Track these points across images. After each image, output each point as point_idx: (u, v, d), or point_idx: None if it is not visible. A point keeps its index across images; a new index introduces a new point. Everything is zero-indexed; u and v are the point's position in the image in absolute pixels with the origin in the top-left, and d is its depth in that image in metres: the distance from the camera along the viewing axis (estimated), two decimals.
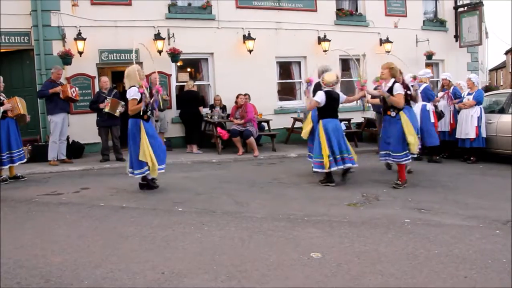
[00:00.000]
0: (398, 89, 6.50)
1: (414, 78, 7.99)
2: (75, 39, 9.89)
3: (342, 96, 6.91)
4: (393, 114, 6.58)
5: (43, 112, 9.64)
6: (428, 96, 8.61)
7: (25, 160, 7.83)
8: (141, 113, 6.19)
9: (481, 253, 3.88)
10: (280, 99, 12.66)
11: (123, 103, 9.10)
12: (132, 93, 6.13)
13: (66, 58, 9.64)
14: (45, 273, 3.52)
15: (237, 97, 10.29)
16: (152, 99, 6.33)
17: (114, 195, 6.37)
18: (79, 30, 9.93)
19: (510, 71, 38.12)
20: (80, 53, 9.92)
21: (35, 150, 9.19)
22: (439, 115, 8.90)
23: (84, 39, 9.92)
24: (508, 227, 4.67)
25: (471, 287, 3.24)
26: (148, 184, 6.47)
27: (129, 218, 5.09)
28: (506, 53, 40.52)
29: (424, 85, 8.65)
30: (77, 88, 9.14)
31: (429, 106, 8.57)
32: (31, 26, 9.84)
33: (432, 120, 8.53)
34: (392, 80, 6.62)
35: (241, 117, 10.03)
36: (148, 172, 6.24)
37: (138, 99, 6.12)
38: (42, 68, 9.75)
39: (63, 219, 5.13)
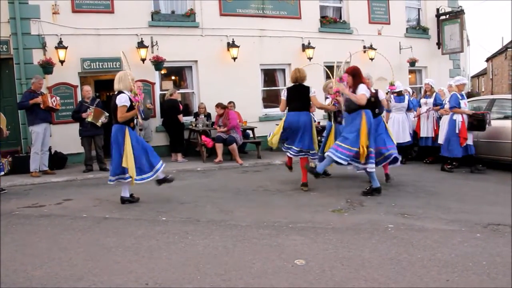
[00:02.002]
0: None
1: (392, 84, 8.10)
2: (56, 48, 9.79)
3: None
4: None
5: (24, 123, 9.49)
6: (454, 105, 8.40)
7: (5, 172, 7.68)
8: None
9: (462, 256, 3.93)
10: (265, 107, 12.71)
11: (106, 113, 9.00)
12: (123, 100, 5.99)
13: (47, 67, 9.53)
14: None
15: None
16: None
17: (97, 206, 6.28)
18: (60, 39, 9.84)
19: (491, 77, 38.84)
20: (62, 62, 9.83)
21: (16, 161, 9.02)
22: (480, 122, 8.20)
23: (66, 48, 9.83)
24: (488, 230, 4.74)
25: None
26: (129, 199, 6.34)
27: (112, 229, 5.03)
28: (487, 60, 41.31)
29: (451, 93, 8.62)
30: (58, 98, 9.01)
31: (456, 116, 8.36)
32: (10, 34, 9.69)
33: (457, 130, 8.26)
34: None
35: (223, 124, 10.01)
36: (130, 180, 6.09)
37: (128, 106, 6.04)
38: (22, 78, 9.60)
39: (44, 231, 5.04)
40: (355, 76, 6.45)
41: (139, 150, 6.11)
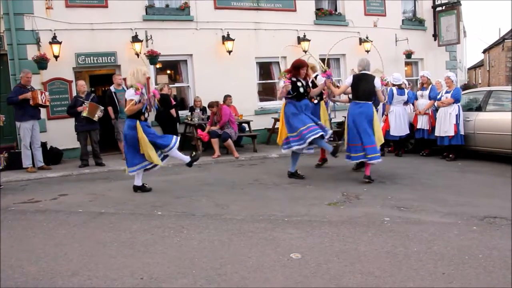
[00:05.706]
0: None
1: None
2: (50, 43, 9.71)
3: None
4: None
5: None
6: None
7: (1, 168, 7.64)
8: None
9: (458, 249, 3.92)
10: (261, 100, 12.67)
11: (102, 108, 8.96)
12: (130, 94, 6.24)
13: (41, 63, 9.44)
14: (20, 283, 3.44)
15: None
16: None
17: (93, 200, 6.26)
18: (54, 34, 9.75)
19: (487, 69, 38.81)
20: (56, 57, 9.74)
21: (12, 157, 8.93)
22: None
23: (60, 43, 9.75)
24: (484, 223, 4.74)
25: (449, 284, 3.27)
26: (140, 188, 6.58)
27: (107, 224, 5.01)
28: (483, 52, 41.24)
29: None
30: (47, 93, 8.86)
31: None
32: (4, 30, 9.60)
33: None
34: None
35: (218, 121, 9.94)
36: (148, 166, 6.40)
37: (137, 101, 6.16)
38: (17, 73, 9.46)
39: (40, 227, 5.01)
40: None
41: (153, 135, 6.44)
